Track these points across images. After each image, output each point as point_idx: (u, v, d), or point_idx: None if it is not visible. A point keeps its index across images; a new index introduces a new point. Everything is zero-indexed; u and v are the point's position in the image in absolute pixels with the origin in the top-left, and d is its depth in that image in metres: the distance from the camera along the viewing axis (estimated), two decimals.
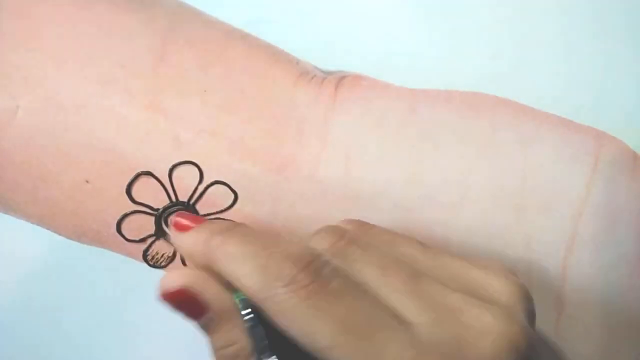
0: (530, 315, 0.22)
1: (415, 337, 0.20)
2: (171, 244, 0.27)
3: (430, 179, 0.28)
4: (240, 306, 0.22)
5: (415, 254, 0.23)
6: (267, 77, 0.29)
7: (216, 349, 0.22)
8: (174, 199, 0.28)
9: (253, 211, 0.28)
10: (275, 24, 0.29)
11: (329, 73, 0.30)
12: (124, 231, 0.28)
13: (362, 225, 0.24)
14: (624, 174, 0.28)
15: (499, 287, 0.22)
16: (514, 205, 0.28)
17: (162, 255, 0.29)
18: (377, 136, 0.29)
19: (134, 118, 0.28)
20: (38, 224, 0.29)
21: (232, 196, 0.28)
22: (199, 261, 0.23)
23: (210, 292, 0.22)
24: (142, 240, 0.29)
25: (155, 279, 0.22)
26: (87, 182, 0.28)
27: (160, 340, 0.32)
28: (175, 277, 0.22)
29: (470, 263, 0.23)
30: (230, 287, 0.22)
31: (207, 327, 0.22)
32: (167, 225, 0.28)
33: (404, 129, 0.29)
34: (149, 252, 0.29)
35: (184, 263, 0.29)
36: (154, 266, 0.29)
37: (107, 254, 0.29)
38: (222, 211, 0.28)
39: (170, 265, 0.29)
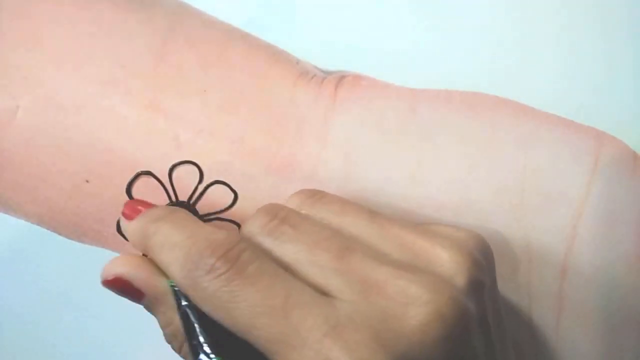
0: (474, 284, 0.22)
1: (335, 311, 0.20)
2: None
3: (430, 179, 0.28)
4: (172, 291, 0.23)
5: (360, 225, 0.23)
6: (267, 77, 0.29)
7: (161, 327, 0.24)
8: (174, 198, 0.28)
9: (253, 211, 0.28)
10: (275, 24, 0.29)
11: (328, 73, 0.30)
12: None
13: (311, 195, 0.25)
14: (624, 174, 0.28)
15: (442, 257, 0.22)
16: (513, 205, 0.28)
17: None
18: (377, 136, 0.29)
19: (134, 118, 0.28)
20: (38, 224, 0.29)
21: (232, 196, 0.28)
22: (137, 247, 0.24)
23: (144, 278, 0.23)
24: None
25: None
26: (87, 182, 0.28)
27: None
28: (113, 265, 0.24)
29: (422, 233, 0.23)
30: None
31: (148, 308, 0.24)
32: None
33: (404, 128, 0.29)
34: None
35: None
36: None
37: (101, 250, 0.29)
38: (222, 211, 0.28)
39: None
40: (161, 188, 0.28)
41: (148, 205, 0.25)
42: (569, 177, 0.28)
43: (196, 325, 0.22)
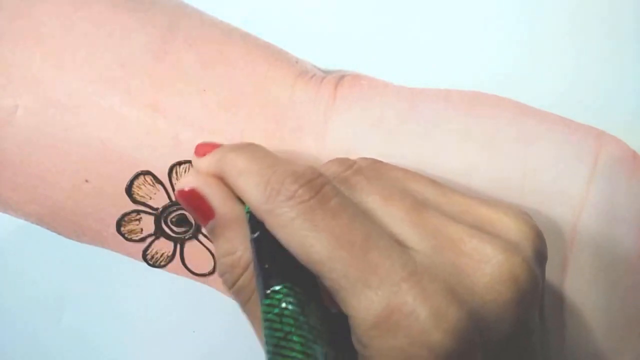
0: (539, 256, 0.22)
1: (412, 259, 0.20)
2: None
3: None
4: (247, 217, 0.23)
5: (425, 190, 0.24)
6: (266, 77, 0.29)
7: (218, 256, 0.24)
8: (173, 198, 0.28)
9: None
10: (275, 23, 0.29)
11: (328, 72, 0.30)
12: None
13: (374, 161, 0.25)
14: (624, 174, 0.28)
15: (508, 224, 0.22)
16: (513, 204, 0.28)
17: (161, 255, 0.29)
18: (376, 135, 0.29)
19: (134, 117, 0.28)
20: (37, 224, 0.29)
21: None
22: (213, 173, 0.24)
23: (218, 197, 0.24)
24: (142, 239, 0.29)
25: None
26: (86, 181, 0.28)
27: (158, 338, 0.32)
28: (191, 177, 0.24)
29: (484, 202, 0.23)
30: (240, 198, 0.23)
31: (212, 233, 0.24)
32: (166, 224, 0.28)
33: (403, 127, 0.29)
34: (148, 252, 0.29)
35: (183, 263, 0.29)
36: (153, 265, 0.29)
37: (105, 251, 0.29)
38: None
39: (170, 265, 0.29)
40: (161, 187, 0.28)
41: (217, 144, 0.25)
42: (569, 176, 0.28)
43: (268, 253, 0.22)
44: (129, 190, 0.28)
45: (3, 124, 0.27)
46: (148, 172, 0.28)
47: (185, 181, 0.24)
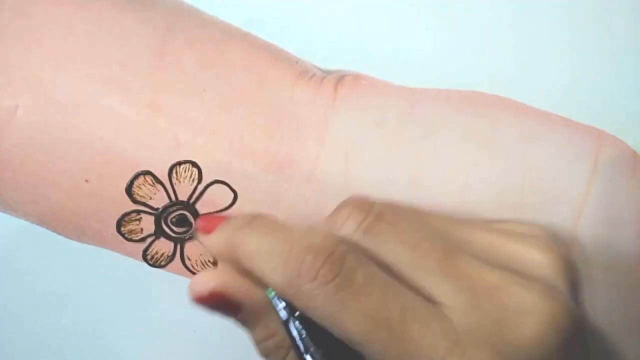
0: (573, 287, 0.22)
1: (451, 323, 0.19)
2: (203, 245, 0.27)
3: (430, 179, 0.28)
4: (273, 301, 0.22)
5: (448, 228, 0.22)
6: (266, 76, 0.29)
7: (257, 343, 0.23)
8: (173, 198, 0.28)
9: (252, 210, 0.28)
10: (275, 23, 0.29)
11: (328, 72, 0.30)
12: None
13: (392, 203, 0.24)
14: (624, 174, 0.28)
15: (539, 259, 0.21)
16: (513, 204, 0.28)
17: (161, 255, 0.29)
18: (377, 135, 0.29)
19: (134, 117, 0.27)
20: (37, 224, 0.29)
21: (232, 195, 0.28)
22: (227, 260, 0.23)
23: (241, 290, 0.22)
24: (142, 239, 0.29)
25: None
26: (86, 181, 0.28)
27: (161, 339, 0.32)
28: (206, 279, 0.23)
29: (506, 234, 0.22)
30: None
31: (245, 324, 0.23)
32: (166, 224, 0.28)
33: (404, 128, 0.29)
34: (148, 252, 0.29)
35: (183, 263, 0.29)
36: (153, 265, 0.29)
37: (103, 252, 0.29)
38: (221, 210, 0.28)
39: (170, 265, 0.29)
40: (161, 187, 0.28)
41: (222, 217, 0.24)
42: (569, 176, 0.28)
43: (306, 334, 0.21)
44: (129, 190, 0.28)
45: (3, 124, 0.27)
46: (148, 172, 0.28)
47: (200, 282, 0.23)
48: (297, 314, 0.21)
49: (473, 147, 0.28)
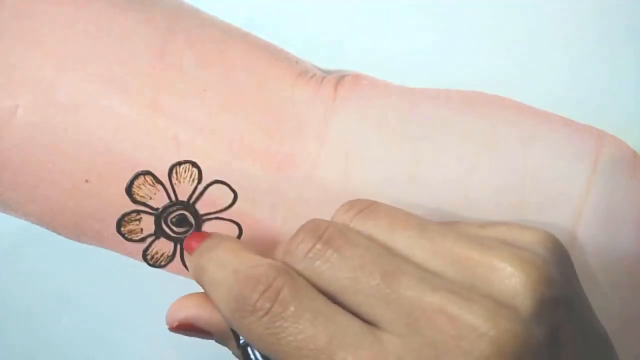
0: (545, 306, 0.19)
1: (383, 350, 0.19)
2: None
3: (430, 178, 0.28)
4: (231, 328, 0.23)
5: (409, 240, 0.22)
6: (266, 76, 0.29)
7: (236, 357, 0.24)
8: (173, 198, 0.28)
9: (252, 210, 0.28)
10: (275, 23, 0.29)
11: (328, 72, 0.30)
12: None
13: (360, 209, 0.23)
14: (624, 174, 0.28)
15: (503, 274, 0.20)
16: (513, 204, 0.28)
17: (161, 255, 0.29)
18: (377, 135, 0.29)
19: (134, 117, 0.27)
20: (38, 223, 0.29)
21: (232, 195, 0.28)
22: (198, 283, 0.25)
23: (206, 319, 0.24)
24: (142, 239, 0.29)
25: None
26: (86, 181, 0.28)
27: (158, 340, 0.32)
28: (175, 309, 0.25)
29: (477, 245, 0.21)
30: None
31: (220, 343, 0.25)
32: (166, 224, 0.28)
33: (404, 128, 0.29)
34: (148, 252, 0.29)
35: (183, 262, 0.29)
36: (153, 265, 0.29)
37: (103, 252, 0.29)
38: (221, 210, 0.28)
39: (170, 265, 0.29)
40: (161, 187, 0.28)
41: (202, 235, 0.25)
42: (569, 176, 0.28)
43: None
44: (129, 190, 0.28)
45: (3, 124, 0.27)
46: (148, 172, 0.28)
47: (171, 315, 0.25)
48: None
49: (473, 147, 0.28)
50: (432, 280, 0.20)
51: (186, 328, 0.24)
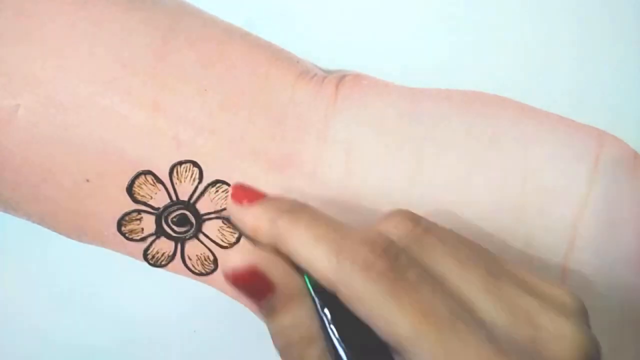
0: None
1: (493, 334, 0.20)
2: (227, 221, 0.26)
3: (430, 178, 0.28)
4: (311, 288, 0.21)
5: (486, 256, 0.22)
6: (267, 76, 0.29)
7: (279, 331, 0.22)
8: (174, 198, 0.28)
9: (253, 210, 0.28)
10: (276, 23, 0.29)
11: (329, 72, 0.30)
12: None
13: (428, 228, 0.23)
14: (624, 174, 0.28)
15: (565, 298, 0.22)
16: (514, 204, 0.28)
17: (162, 254, 0.29)
18: (377, 135, 0.29)
19: (134, 117, 0.27)
20: (39, 223, 0.29)
21: None
22: (264, 240, 0.22)
23: (278, 272, 0.22)
24: (143, 239, 0.29)
25: None
26: (87, 181, 0.28)
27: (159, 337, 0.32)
28: (243, 257, 0.22)
29: (534, 276, 0.22)
30: (296, 268, 0.22)
31: (272, 309, 0.22)
32: (167, 224, 0.28)
33: (404, 127, 0.29)
34: (149, 251, 0.29)
35: (184, 262, 0.29)
36: (154, 265, 0.29)
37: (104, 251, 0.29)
38: (222, 210, 0.28)
39: (171, 264, 0.29)
40: (162, 187, 0.28)
41: (259, 192, 0.23)
42: (570, 176, 0.28)
43: (336, 326, 0.21)
44: (129, 190, 0.28)
45: (4, 124, 0.27)
46: (149, 172, 0.28)
47: (236, 259, 0.22)
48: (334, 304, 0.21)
49: (473, 147, 0.28)
50: (525, 289, 0.21)
51: (254, 277, 0.22)
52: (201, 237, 0.29)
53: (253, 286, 0.22)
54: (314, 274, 0.21)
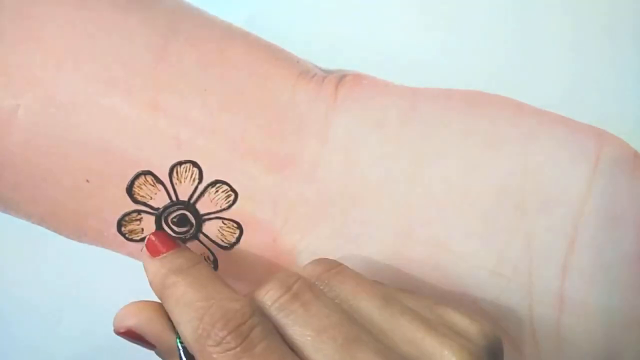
0: None
1: None
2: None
3: (430, 179, 0.28)
4: (179, 351, 0.24)
5: (372, 313, 0.23)
6: (267, 76, 0.29)
7: None
8: (174, 198, 0.28)
9: (253, 210, 0.28)
10: (276, 23, 0.29)
11: (329, 72, 0.30)
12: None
13: (328, 269, 0.25)
14: (624, 173, 0.28)
15: (449, 355, 0.22)
16: (514, 204, 0.28)
17: None
18: (377, 135, 0.29)
19: (135, 117, 0.27)
20: (39, 224, 0.29)
21: (233, 195, 0.28)
22: (155, 294, 0.25)
23: (155, 333, 0.24)
24: (143, 239, 0.29)
25: None
26: (87, 181, 0.28)
27: None
28: (124, 315, 0.25)
29: (429, 329, 0.23)
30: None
31: (160, 357, 0.25)
32: (167, 224, 0.28)
33: (404, 127, 0.29)
34: None
35: None
36: None
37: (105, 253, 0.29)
38: (222, 210, 0.28)
39: None
40: (162, 187, 0.28)
41: (171, 243, 0.26)
42: (570, 176, 0.28)
43: None
44: (129, 190, 0.28)
45: (4, 124, 0.27)
46: (149, 172, 0.28)
47: (119, 320, 0.25)
48: None
49: (473, 147, 0.28)
50: (386, 352, 0.22)
51: (132, 336, 0.25)
52: (201, 237, 0.29)
53: (136, 342, 0.25)
54: (181, 337, 0.23)
